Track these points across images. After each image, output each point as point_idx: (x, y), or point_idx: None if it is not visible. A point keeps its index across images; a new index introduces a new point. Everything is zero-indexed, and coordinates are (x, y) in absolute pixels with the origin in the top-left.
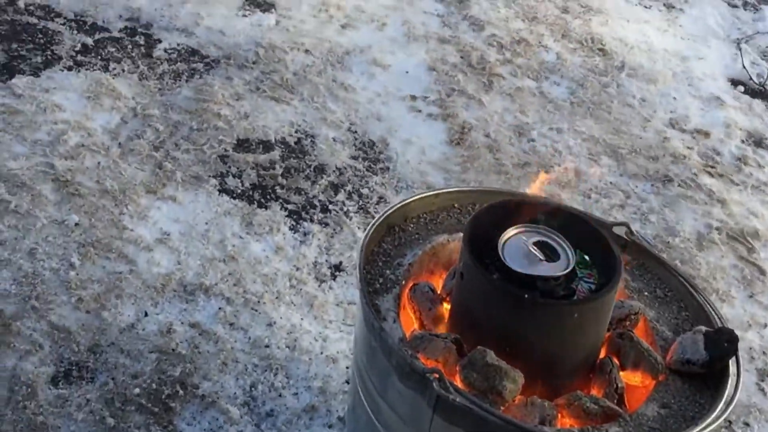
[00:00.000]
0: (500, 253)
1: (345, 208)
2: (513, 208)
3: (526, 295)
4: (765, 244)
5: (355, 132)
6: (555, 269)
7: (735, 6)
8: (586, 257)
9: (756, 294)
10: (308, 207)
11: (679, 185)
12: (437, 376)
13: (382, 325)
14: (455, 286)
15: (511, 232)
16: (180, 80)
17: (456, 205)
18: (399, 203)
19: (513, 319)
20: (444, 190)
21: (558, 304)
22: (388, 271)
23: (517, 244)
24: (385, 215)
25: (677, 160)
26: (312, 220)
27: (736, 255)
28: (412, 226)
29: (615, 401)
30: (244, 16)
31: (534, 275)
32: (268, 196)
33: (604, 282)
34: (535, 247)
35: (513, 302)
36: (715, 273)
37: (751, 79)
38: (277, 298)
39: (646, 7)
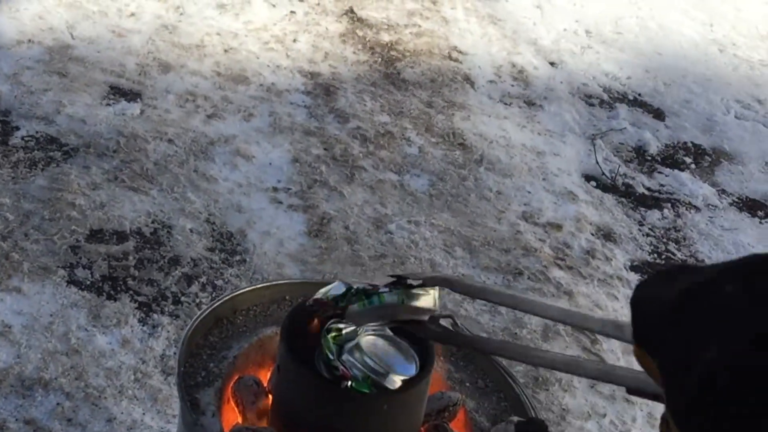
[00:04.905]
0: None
1: (198, 300)
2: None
3: (331, 385)
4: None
5: (214, 223)
6: None
7: (591, 104)
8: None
9: (597, 384)
10: (159, 299)
11: (529, 278)
12: None
13: (200, 420)
14: (274, 379)
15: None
16: (35, 169)
17: (287, 298)
18: (227, 295)
19: (325, 411)
20: (274, 282)
21: (365, 396)
22: (212, 364)
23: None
24: (211, 308)
25: (528, 252)
26: (163, 312)
27: (580, 346)
28: (241, 318)
29: None
30: (108, 104)
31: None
32: (119, 288)
33: (417, 373)
34: None
35: (322, 393)
36: None
37: (603, 174)
38: (119, 392)
39: (506, 104)
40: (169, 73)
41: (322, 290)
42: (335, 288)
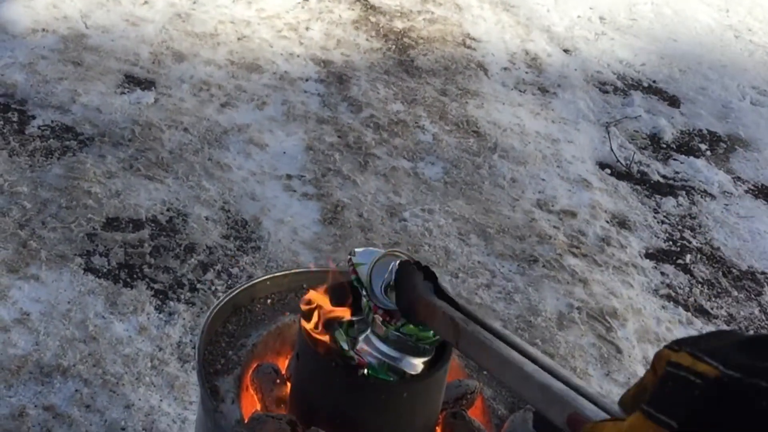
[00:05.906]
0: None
1: (213, 287)
2: (351, 288)
3: (351, 373)
4: (623, 324)
5: (228, 211)
6: None
7: (606, 91)
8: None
9: (612, 372)
10: (176, 286)
11: (543, 265)
12: None
13: (219, 407)
14: (292, 366)
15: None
16: (52, 157)
17: (305, 286)
18: (245, 284)
19: (343, 399)
20: (292, 271)
21: (386, 384)
22: (230, 352)
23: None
24: (230, 296)
25: (543, 240)
26: (179, 300)
27: (595, 334)
28: (259, 306)
29: None
30: (123, 93)
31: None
32: (135, 276)
33: (435, 361)
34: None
35: (341, 381)
36: (574, 351)
37: (618, 161)
38: (137, 379)
39: (521, 91)
40: (183, 62)
41: (356, 259)
42: (361, 270)
